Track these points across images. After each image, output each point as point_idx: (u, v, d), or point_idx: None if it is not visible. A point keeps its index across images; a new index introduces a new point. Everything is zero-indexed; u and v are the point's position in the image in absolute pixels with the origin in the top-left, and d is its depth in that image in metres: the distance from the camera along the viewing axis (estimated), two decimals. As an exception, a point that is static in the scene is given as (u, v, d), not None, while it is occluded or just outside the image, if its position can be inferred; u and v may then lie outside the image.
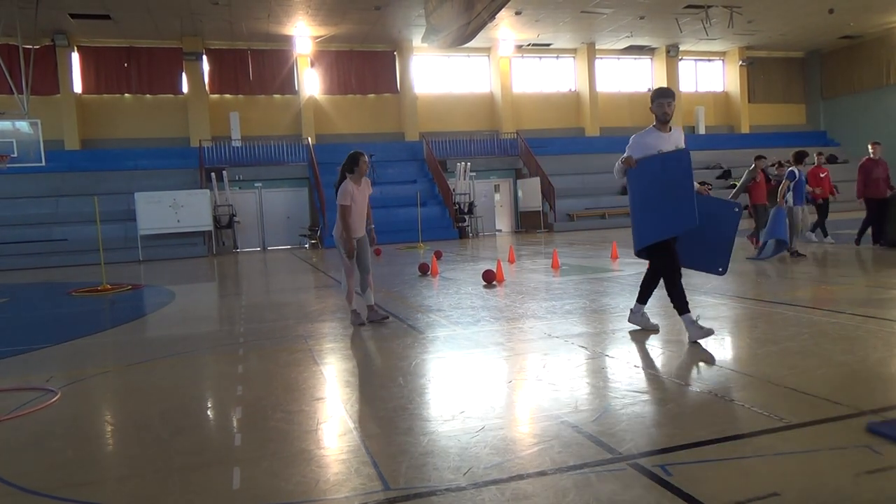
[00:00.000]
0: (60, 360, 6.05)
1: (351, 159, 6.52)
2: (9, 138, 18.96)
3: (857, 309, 6.14)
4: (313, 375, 4.86)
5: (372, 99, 29.01)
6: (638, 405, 3.64)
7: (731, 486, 2.58)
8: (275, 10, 23.11)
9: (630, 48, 31.26)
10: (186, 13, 23.13)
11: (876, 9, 26.85)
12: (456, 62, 30.21)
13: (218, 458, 3.27)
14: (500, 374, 4.67)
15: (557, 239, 20.28)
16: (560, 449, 3.05)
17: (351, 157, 6.53)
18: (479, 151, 28.00)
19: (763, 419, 3.29)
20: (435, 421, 3.63)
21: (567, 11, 25.19)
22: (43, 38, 24.10)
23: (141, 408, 4.40)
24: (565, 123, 31.22)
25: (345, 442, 3.36)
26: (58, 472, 3.19)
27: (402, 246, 20.05)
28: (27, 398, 4.54)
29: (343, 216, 6.46)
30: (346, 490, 2.76)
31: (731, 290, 7.87)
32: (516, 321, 6.57)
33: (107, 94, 26.19)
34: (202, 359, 5.79)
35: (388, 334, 6.24)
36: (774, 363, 4.39)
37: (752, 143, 32.62)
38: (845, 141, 33.15)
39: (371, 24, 25.48)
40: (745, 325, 5.95)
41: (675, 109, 5.30)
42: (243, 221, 24.16)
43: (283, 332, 6.76)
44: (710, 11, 25.42)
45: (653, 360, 4.76)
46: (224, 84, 27.23)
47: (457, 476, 2.80)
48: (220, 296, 11.36)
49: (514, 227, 28.20)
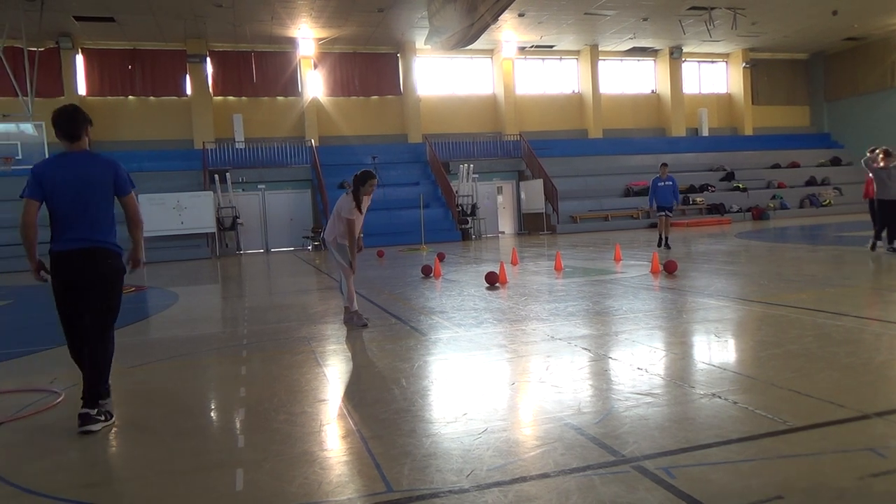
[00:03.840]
0: (64, 362, 6.03)
1: (364, 176, 6.69)
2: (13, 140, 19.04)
3: (861, 311, 6.12)
4: (316, 377, 4.86)
5: (375, 101, 29.03)
6: (641, 407, 3.63)
7: (734, 488, 2.58)
8: (278, 12, 23.15)
9: (633, 50, 31.24)
10: (190, 16, 23.18)
11: (880, 10, 26.78)
12: (459, 64, 30.22)
13: (221, 460, 3.27)
14: (502, 377, 4.67)
15: (560, 241, 20.27)
16: (563, 451, 3.04)
17: (365, 175, 6.70)
18: (482, 153, 28.00)
19: (766, 422, 3.28)
20: (438, 423, 3.63)
21: (570, 13, 25.18)
22: (47, 41, 24.16)
23: (144, 409, 4.41)
24: (568, 125, 31.21)
25: (348, 444, 3.36)
26: (61, 473, 3.20)
27: (404, 248, 20.06)
28: (31, 400, 4.55)
29: (350, 229, 6.62)
30: (349, 492, 2.77)
31: (735, 292, 7.86)
32: (519, 323, 6.57)
33: (111, 97, 26.25)
34: (205, 361, 5.79)
35: (391, 336, 6.24)
36: (778, 366, 4.38)
37: (756, 145, 32.60)
38: (849, 143, 33.07)
39: (374, 26, 25.51)
40: (749, 328, 5.94)
41: None
42: (246, 223, 24.17)
43: (285, 333, 6.77)
44: (713, 13, 25.39)
45: (656, 362, 4.75)
46: (227, 86, 27.28)
47: (460, 478, 2.80)
48: (223, 298, 11.38)
49: (516, 229, 28.18)
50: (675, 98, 31.86)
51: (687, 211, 26.71)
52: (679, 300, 7.50)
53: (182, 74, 26.57)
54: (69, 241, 3.90)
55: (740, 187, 28.79)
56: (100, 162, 4.09)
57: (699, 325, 6.08)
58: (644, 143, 30.93)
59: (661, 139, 31.81)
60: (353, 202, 6.59)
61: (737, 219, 26.67)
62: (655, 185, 14.22)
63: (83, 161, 4.04)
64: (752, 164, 30.79)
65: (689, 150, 31.01)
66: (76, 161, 4.03)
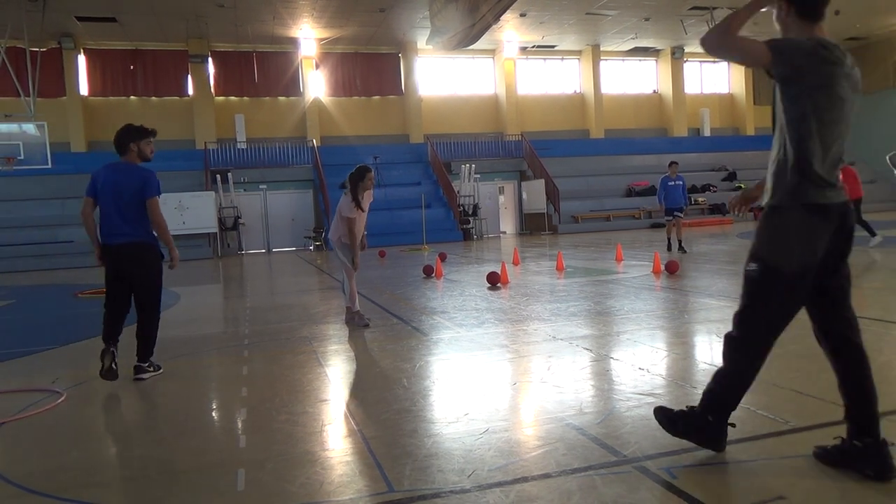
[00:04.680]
0: (66, 362, 6.07)
1: (360, 172, 6.66)
2: (15, 140, 19.04)
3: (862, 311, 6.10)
4: (318, 377, 4.87)
5: (376, 101, 29.04)
6: (643, 408, 3.63)
7: (736, 489, 2.58)
8: (280, 12, 23.16)
9: (635, 50, 31.22)
10: (192, 16, 23.20)
11: (882, 10, 26.76)
12: (460, 64, 30.22)
13: (222, 459, 3.27)
14: (504, 377, 4.66)
15: (562, 241, 20.26)
16: (564, 451, 3.04)
17: (360, 170, 6.67)
18: (484, 153, 28.00)
19: (768, 422, 3.28)
20: (439, 423, 3.63)
21: (572, 13, 25.17)
22: (49, 41, 24.20)
23: (146, 409, 4.42)
24: (570, 125, 31.20)
25: (349, 444, 3.36)
26: (63, 473, 3.20)
27: (406, 248, 20.06)
28: (33, 399, 4.55)
29: (350, 228, 6.59)
30: (350, 492, 2.77)
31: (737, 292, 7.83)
32: (521, 323, 6.57)
33: (113, 97, 26.29)
34: (207, 360, 5.80)
35: (393, 336, 6.24)
36: (780, 366, 4.37)
37: (758, 145, 32.51)
38: (852, 143, 32.92)
39: (376, 26, 25.52)
40: (751, 328, 5.92)
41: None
42: (248, 223, 24.20)
43: (287, 333, 6.77)
44: (715, 13, 25.34)
45: (657, 362, 4.74)
46: (229, 86, 27.31)
47: (461, 478, 2.80)
48: (224, 298, 11.39)
49: (518, 229, 28.19)
50: (677, 98, 31.84)
51: (689, 211, 26.68)
52: (681, 300, 7.49)
53: (184, 74, 26.60)
54: (109, 235, 4.92)
55: (742, 187, 28.76)
56: (135, 171, 5.00)
57: (701, 326, 6.08)
58: (646, 143, 30.91)
59: (662, 139, 31.78)
60: (352, 201, 6.57)
61: (738, 219, 26.63)
62: (665, 184, 13.34)
63: (123, 170, 5.00)
64: (753, 165, 30.72)
65: (690, 150, 30.97)
66: (119, 169, 5.01)
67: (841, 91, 2.56)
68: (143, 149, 5.07)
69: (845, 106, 2.59)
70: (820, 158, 2.57)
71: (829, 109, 2.55)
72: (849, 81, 2.58)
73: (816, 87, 2.53)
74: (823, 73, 2.52)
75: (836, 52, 2.56)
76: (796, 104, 2.56)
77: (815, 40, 2.57)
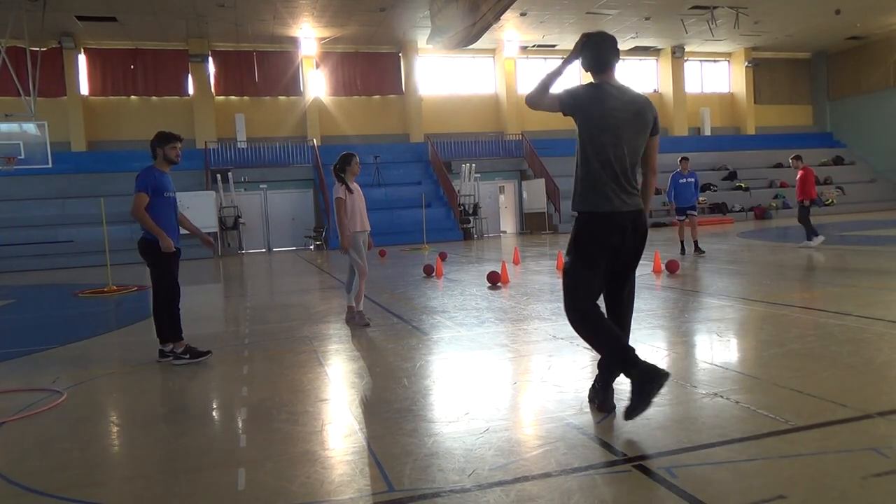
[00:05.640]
0: (66, 361, 6.06)
1: (346, 158, 6.76)
2: (16, 140, 19.01)
3: (864, 311, 6.11)
4: (318, 377, 4.87)
5: (377, 100, 29.04)
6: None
7: (736, 488, 2.57)
8: (280, 11, 23.16)
9: (635, 49, 31.21)
10: (192, 15, 23.20)
11: (882, 9, 26.73)
12: (461, 63, 30.21)
13: (223, 459, 3.27)
14: (504, 376, 4.66)
15: (562, 240, 20.24)
16: (565, 451, 3.04)
17: (345, 157, 6.77)
18: (484, 153, 27.99)
19: (769, 421, 3.28)
20: (439, 422, 3.62)
21: (572, 13, 25.17)
22: (50, 41, 24.19)
23: (146, 409, 4.41)
24: (570, 125, 29.87)
25: (349, 443, 3.36)
26: (63, 472, 3.20)
27: (406, 247, 20.06)
28: (33, 399, 4.56)
29: (338, 209, 6.65)
30: (350, 491, 2.76)
31: (738, 291, 7.85)
32: (521, 323, 6.57)
33: (113, 96, 26.29)
34: (207, 360, 5.79)
35: (393, 336, 6.24)
36: (780, 365, 4.38)
37: (758, 144, 32.56)
38: (852, 142, 33.02)
39: (376, 26, 25.52)
40: (752, 327, 5.93)
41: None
42: (248, 223, 24.19)
43: (287, 333, 6.77)
44: (715, 12, 25.36)
45: (658, 361, 4.74)
46: (230, 86, 27.30)
47: (461, 477, 2.80)
48: (224, 297, 11.39)
49: (518, 228, 28.18)
50: (678, 97, 31.82)
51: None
52: (681, 299, 7.49)
53: (184, 74, 26.60)
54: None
55: (742, 187, 28.76)
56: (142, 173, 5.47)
57: (701, 325, 6.08)
58: (646, 142, 30.85)
59: (663, 138, 31.28)
60: (339, 184, 6.69)
61: (739, 218, 26.65)
62: (676, 181, 12.55)
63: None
64: (754, 164, 30.75)
65: (691, 149, 30.87)
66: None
67: (612, 120, 3.48)
68: (167, 153, 5.46)
69: (619, 131, 3.49)
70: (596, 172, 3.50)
71: (600, 134, 3.50)
72: (623, 113, 3.53)
73: (589, 118, 3.57)
74: (592, 109, 3.53)
75: (610, 91, 3.64)
76: (580, 133, 3.59)
77: (593, 85, 3.75)
